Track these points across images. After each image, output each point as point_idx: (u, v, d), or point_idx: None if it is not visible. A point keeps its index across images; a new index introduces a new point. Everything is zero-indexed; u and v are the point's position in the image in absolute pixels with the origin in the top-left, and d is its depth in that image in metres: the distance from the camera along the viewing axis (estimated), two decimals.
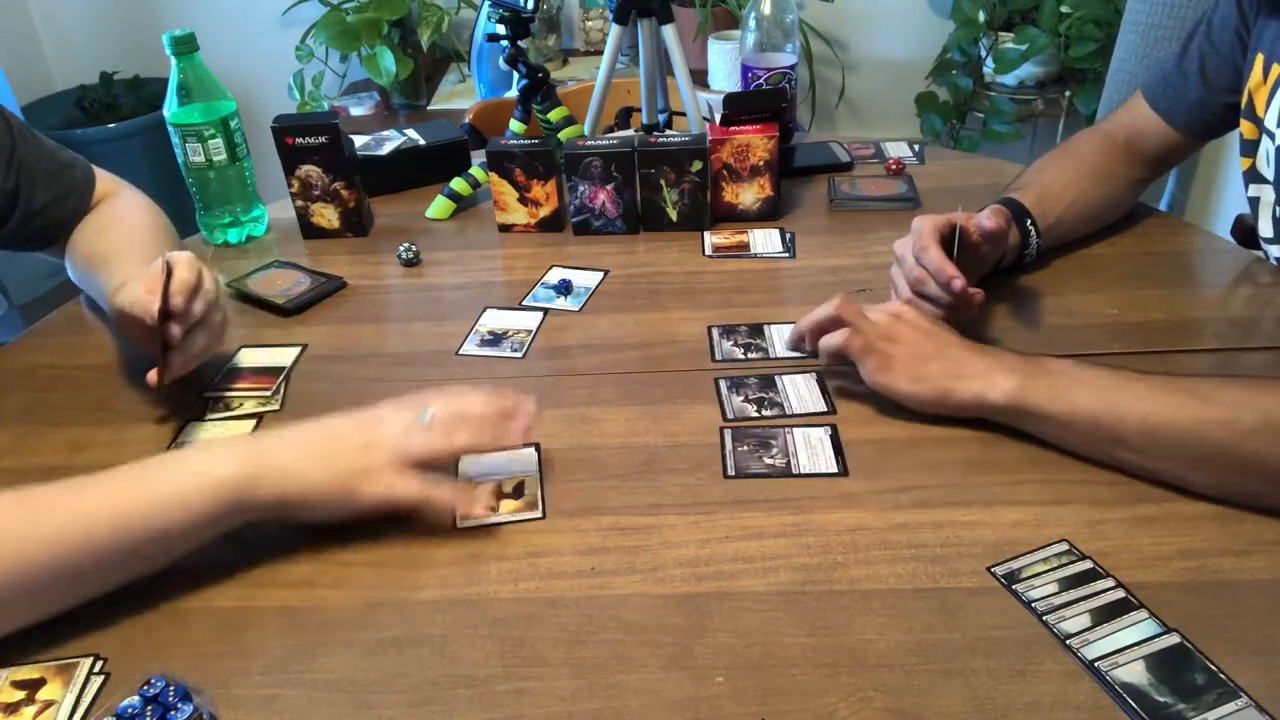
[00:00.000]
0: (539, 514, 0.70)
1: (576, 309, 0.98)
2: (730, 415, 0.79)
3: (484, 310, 0.97)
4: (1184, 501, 0.67)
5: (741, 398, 0.81)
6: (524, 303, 0.99)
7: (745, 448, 0.75)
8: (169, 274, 0.77)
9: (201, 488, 0.62)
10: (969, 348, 0.75)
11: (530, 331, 0.93)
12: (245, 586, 0.65)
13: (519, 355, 0.90)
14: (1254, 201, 0.98)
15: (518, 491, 0.72)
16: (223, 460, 0.64)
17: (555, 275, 1.04)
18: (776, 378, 0.84)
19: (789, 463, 0.73)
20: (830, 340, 0.78)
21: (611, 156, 1.07)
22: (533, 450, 0.76)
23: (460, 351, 0.91)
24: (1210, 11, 0.98)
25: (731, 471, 0.73)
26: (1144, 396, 0.67)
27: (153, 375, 0.78)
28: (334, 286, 1.03)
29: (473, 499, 0.71)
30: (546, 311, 0.97)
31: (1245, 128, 0.96)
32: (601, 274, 1.04)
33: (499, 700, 0.56)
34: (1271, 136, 0.91)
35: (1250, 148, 0.96)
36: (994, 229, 0.85)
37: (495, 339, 0.93)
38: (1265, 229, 0.97)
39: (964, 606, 0.60)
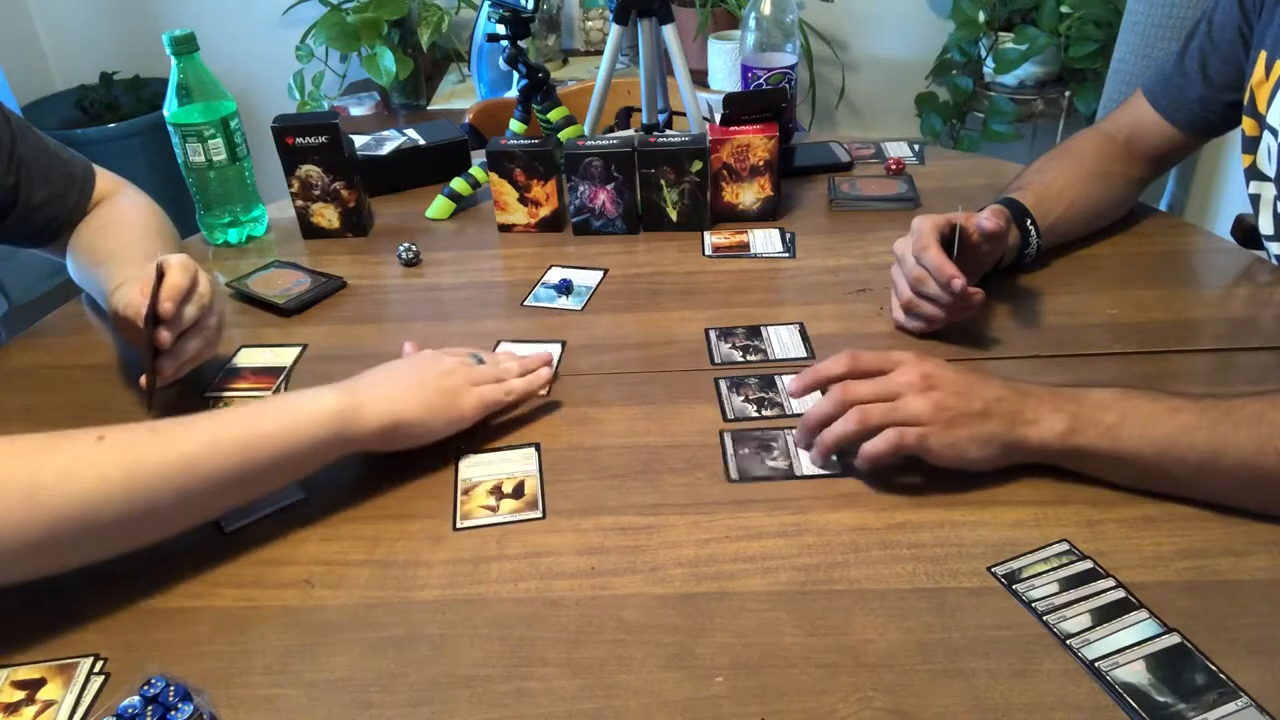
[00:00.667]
0: (539, 514, 0.70)
1: (578, 309, 0.98)
2: (730, 415, 0.79)
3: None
4: (1184, 502, 0.67)
5: (741, 398, 0.81)
6: (525, 303, 0.99)
7: (747, 450, 0.75)
8: (160, 277, 0.77)
9: (312, 418, 0.68)
10: (1010, 390, 0.69)
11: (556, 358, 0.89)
12: (245, 586, 0.65)
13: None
14: (1254, 199, 0.98)
15: (518, 491, 0.72)
16: (323, 395, 0.70)
17: (555, 275, 1.04)
18: (776, 378, 0.84)
19: (790, 464, 0.73)
20: (877, 448, 0.67)
21: (611, 156, 1.07)
22: (533, 450, 0.76)
23: None
24: (1211, 10, 0.98)
25: (735, 476, 0.73)
26: (1190, 426, 0.64)
27: (143, 380, 0.78)
28: (334, 286, 1.03)
29: (539, 376, 0.81)
30: (564, 344, 0.91)
31: (1246, 124, 0.96)
32: (601, 274, 1.04)
33: (499, 700, 0.56)
34: (1273, 133, 0.91)
35: (1251, 144, 0.96)
36: (994, 229, 0.85)
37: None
38: (1266, 226, 0.97)
39: (964, 606, 0.60)
